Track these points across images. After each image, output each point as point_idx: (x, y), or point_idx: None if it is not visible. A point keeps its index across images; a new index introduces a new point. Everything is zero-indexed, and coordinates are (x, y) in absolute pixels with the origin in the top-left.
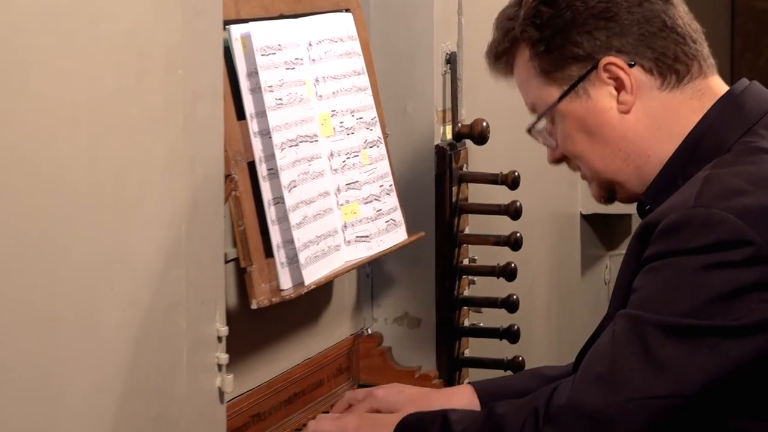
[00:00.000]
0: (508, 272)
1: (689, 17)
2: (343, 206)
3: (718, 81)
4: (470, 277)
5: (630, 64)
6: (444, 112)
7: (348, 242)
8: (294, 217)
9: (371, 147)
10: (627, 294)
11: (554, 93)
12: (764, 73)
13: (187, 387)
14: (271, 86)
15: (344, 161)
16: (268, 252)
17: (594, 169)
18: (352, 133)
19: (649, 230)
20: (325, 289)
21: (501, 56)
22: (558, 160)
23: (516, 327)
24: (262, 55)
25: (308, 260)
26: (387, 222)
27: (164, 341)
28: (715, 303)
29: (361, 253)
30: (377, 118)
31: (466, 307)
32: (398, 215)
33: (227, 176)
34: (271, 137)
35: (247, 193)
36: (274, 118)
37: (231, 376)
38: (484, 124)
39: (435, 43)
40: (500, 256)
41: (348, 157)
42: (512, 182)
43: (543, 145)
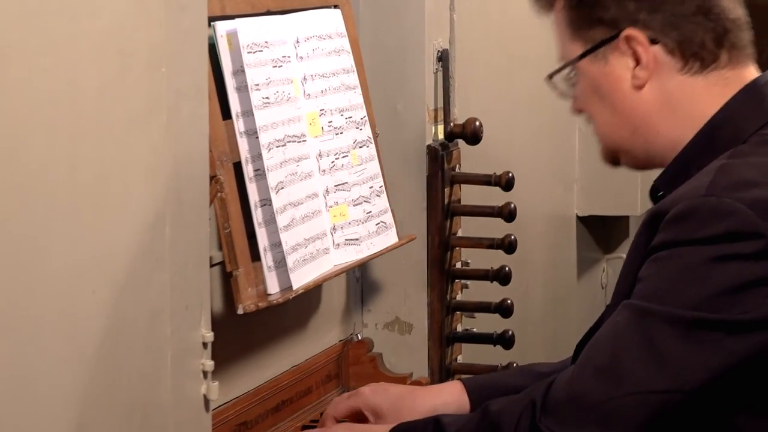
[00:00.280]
0: (502, 276)
1: (733, 4)
2: (332, 208)
3: (752, 71)
4: (463, 281)
5: (652, 41)
6: (436, 111)
7: (337, 245)
8: (281, 220)
9: (361, 147)
10: (632, 283)
11: (577, 49)
12: (765, 69)
13: (172, 395)
14: (257, 84)
15: (333, 162)
16: (255, 255)
17: (601, 132)
18: (341, 132)
19: (659, 218)
20: (313, 293)
21: None
22: (579, 111)
23: (510, 333)
24: (249, 52)
25: (296, 264)
26: (377, 224)
27: (148, 347)
28: (722, 296)
29: (350, 256)
30: (367, 118)
31: (458, 312)
32: (389, 217)
33: (212, 177)
34: (257, 137)
35: (233, 195)
36: (260, 118)
37: (216, 383)
38: (477, 123)
39: (426, 39)
40: (494, 259)
41: (337, 158)
42: (506, 183)
43: (558, 96)
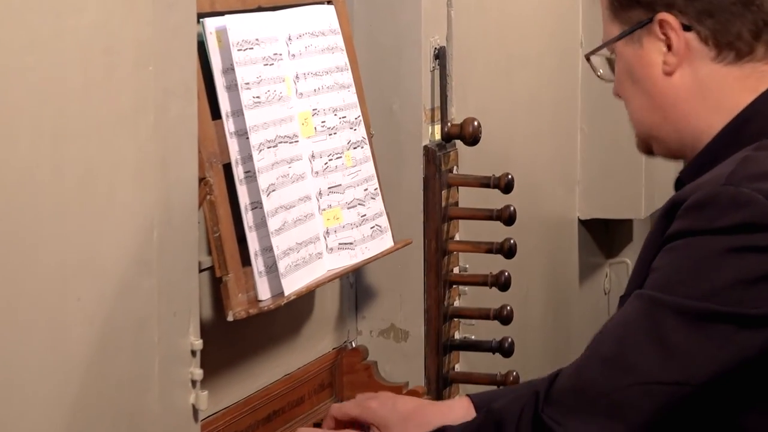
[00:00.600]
0: (501, 282)
1: None
2: (325, 211)
3: None
4: (461, 287)
5: (686, 27)
6: (432, 110)
7: (330, 250)
8: (273, 223)
9: (355, 148)
10: (647, 273)
11: (615, 30)
12: None
13: (159, 404)
14: (248, 83)
15: (326, 163)
16: (245, 260)
17: (634, 117)
18: (335, 133)
19: (677, 206)
20: (306, 299)
21: None
22: (618, 95)
23: (510, 340)
24: (239, 50)
25: (288, 269)
26: (372, 228)
27: (134, 356)
28: (735, 289)
29: (344, 261)
30: (361, 118)
31: (456, 319)
32: (384, 221)
33: (201, 179)
34: (248, 138)
35: (223, 198)
36: (251, 118)
37: (206, 392)
38: (475, 123)
39: (423, 37)
40: (493, 264)
41: (330, 159)
42: (505, 186)
43: (598, 76)
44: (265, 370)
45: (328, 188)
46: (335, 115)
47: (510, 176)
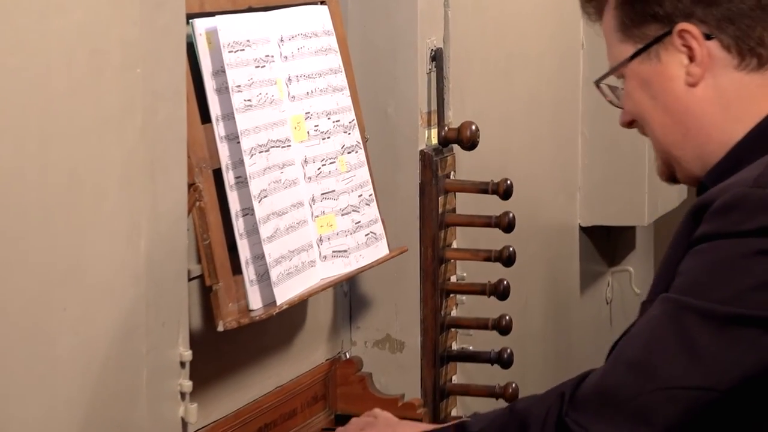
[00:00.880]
0: (499, 291)
1: None
2: (318, 218)
3: None
4: (458, 296)
5: (707, 36)
6: (429, 114)
7: (324, 257)
8: (264, 230)
9: (349, 153)
10: (672, 277)
11: (628, 50)
12: None
13: (148, 417)
14: (239, 86)
15: (319, 168)
16: (236, 269)
17: (654, 137)
18: (328, 137)
19: (703, 209)
20: (298, 309)
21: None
22: (628, 123)
23: (509, 351)
24: (230, 51)
25: (280, 277)
26: (367, 235)
27: (122, 367)
28: (761, 292)
29: (338, 269)
30: (356, 121)
31: (453, 330)
32: (379, 228)
33: (191, 185)
34: (239, 142)
35: (213, 204)
36: (242, 121)
37: (195, 405)
38: (473, 127)
39: (419, 38)
40: (491, 272)
41: (324, 164)
42: (504, 191)
43: (609, 102)
44: (257, 381)
45: (322, 194)
46: (329, 118)
47: (509, 182)
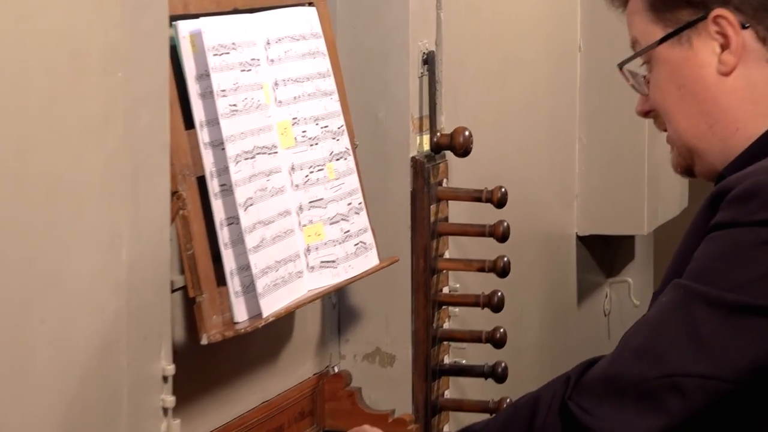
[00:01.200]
0: (494, 302)
1: None
2: (306, 227)
3: None
4: (451, 308)
5: (743, 25)
6: (421, 119)
7: (311, 268)
8: (250, 240)
9: (338, 160)
10: (687, 265)
11: (657, 33)
12: None
13: None
14: (224, 90)
15: (307, 176)
16: (221, 280)
17: (677, 128)
18: (317, 143)
19: (722, 196)
20: (285, 321)
21: None
22: (645, 113)
23: (503, 365)
24: (214, 54)
25: (266, 289)
26: (356, 245)
27: (102, 381)
28: None
29: (326, 280)
30: (345, 127)
31: (446, 343)
32: (369, 237)
33: (174, 193)
34: (223, 149)
35: (197, 213)
36: (227, 127)
37: (178, 421)
38: (466, 133)
39: (410, 40)
40: (485, 283)
41: (311, 171)
42: (498, 200)
43: (631, 87)
44: (242, 396)
45: (309, 202)
46: (317, 124)
47: (503, 190)
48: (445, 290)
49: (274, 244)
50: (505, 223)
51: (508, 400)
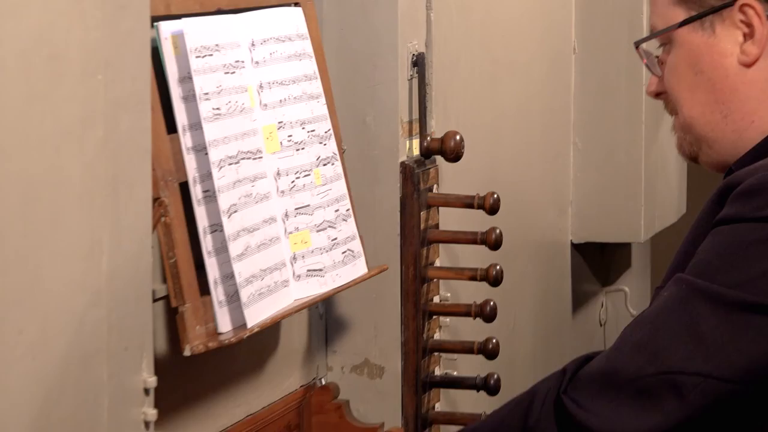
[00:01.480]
0: (486, 312)
1: None
2: (292, 234)
3: None
4: (442, 318)
5: None
6: (410, 123)
7: (298, 277)
8: (234, 248)
9: (325, 165)
10: (691, 259)
11: (680, 15)
12: None
13: None
14: (207, 93)
15: (293, 182)
16: (204, 289)
17: (689, 115)
18: (303, 148)
19: (729, 190)
20: (270, 332)
21: None
22: (656, 94)
23: (495, 377)
24: (197, 56)
25: (251, 298)
26: (344, 253)
27: (82, 394)
28: None
29: (313, 289)
30: (332, 131)
31: (436, 354)
32: (357, 245)
33: (156, 200)
34: (207, 154)
35: (179, 220)
36: (210, 131)
37: None
38: (457, 137)
39: (400, 42)
40: (477, 293)
41: (298, 177)
42: (491, 206)
43: (645, 66)
44: (226, 410)
45: (296, 209)
46: (303, 128)
47: (496, 196)
48: (436, 299)
49: (259, 252)
50: (498, 231)
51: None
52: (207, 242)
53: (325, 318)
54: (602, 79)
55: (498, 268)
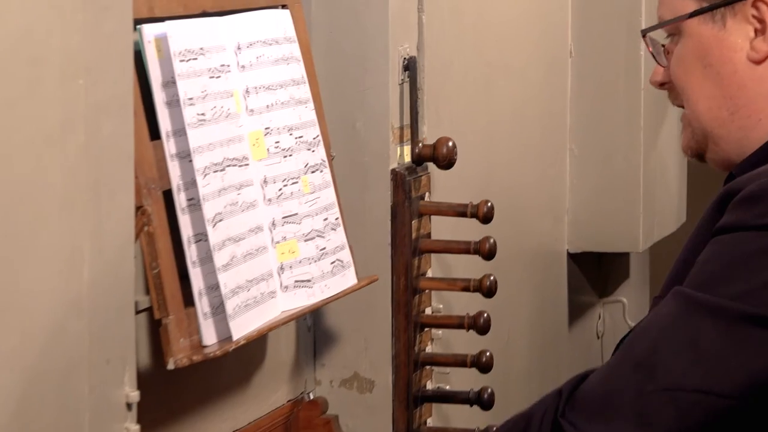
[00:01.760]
0: (479, 324)
1: None
2: (279, 244)
3: None
4: (434, 330)
5: None
6: (401, 129)
7: (285, 288)
8: (219, 258)
9: (313, 172)
10: (689, 270)
11: (689, 6)
12: None
13: None
14: (191, 98)
15: (281, 189)
16: (188, 300)
17: (695, 109)
18: (290, 155)
19: (730, 197)
20: (257, 345)
21: None
22: (660, 84)
23: (489, 391)
24: (181, 60)
25: (237, 310)
26: (332, 263)
27: (62, 408)
28: None
29: (301, 301)
30: (320, 138)
31: (428, 367)
32: (346, 255)
33: (138, 208)
34: (191, 161)
35: (163, 229)
36: (195, 138)
37: None
38: (449, 144)
39: (390, 45)
40: (470, 304)
41: (285, 185)
42: (484, 215)
43: (651, 55)
44: (211, 425)
45: (283, 218)
46: (291, 134)
47: (489, 204)
48: (428, 311)
49: (245, 263)
50: (492, 240)
51: (494, 428)
52: (191, 252)
53: (314, 330)
54: (599, 83)
55: (492, 278)
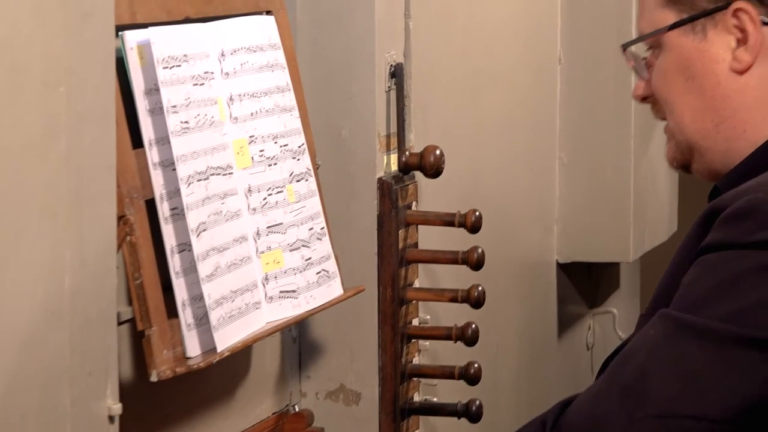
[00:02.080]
0: (467, 335)
1: None
2: (263, 254)
3: None
4: (421, 342)
5: (765, 22)
6: (388, 137)
7: (270, 299)
8: (203, 268)
9: (298, 181)
10: (676, 289)
11: (669, 18)
12: None
13: None
14: (175, 106)
15: (265, 198)
16: (172, 311)
17: (680, 122)
18: (275, 163)
19: (715, 215)
20: (241, 356)
21: None
22: (643, 98)
23: (478, 403)
24: (164, 67)
25: (221, 321)
26: (318, 273)
27: (43, 421)
28: (762, 311)
29: (286, 311)
30: (306, 146)
31: (415, 379)
32: (332, 265)
33: (121, 217)
34: (174, 169)
35: (146, 239)
36: (178, 146)
37: None
38: (437, 152)
39: (377, 52)
40: (458, 315)
41: (270, 194)
42: (472, 224)
43: (632, 69)
44: None
45: (268, 227)
46: (275, 142)
47: (477, 213)
48: (415, 322)
49: (229, 273)
50: (480, 250)
51: None
52: (175, 262)
53: (299, 342)
54: (589, 90)
55: (480, 289)
